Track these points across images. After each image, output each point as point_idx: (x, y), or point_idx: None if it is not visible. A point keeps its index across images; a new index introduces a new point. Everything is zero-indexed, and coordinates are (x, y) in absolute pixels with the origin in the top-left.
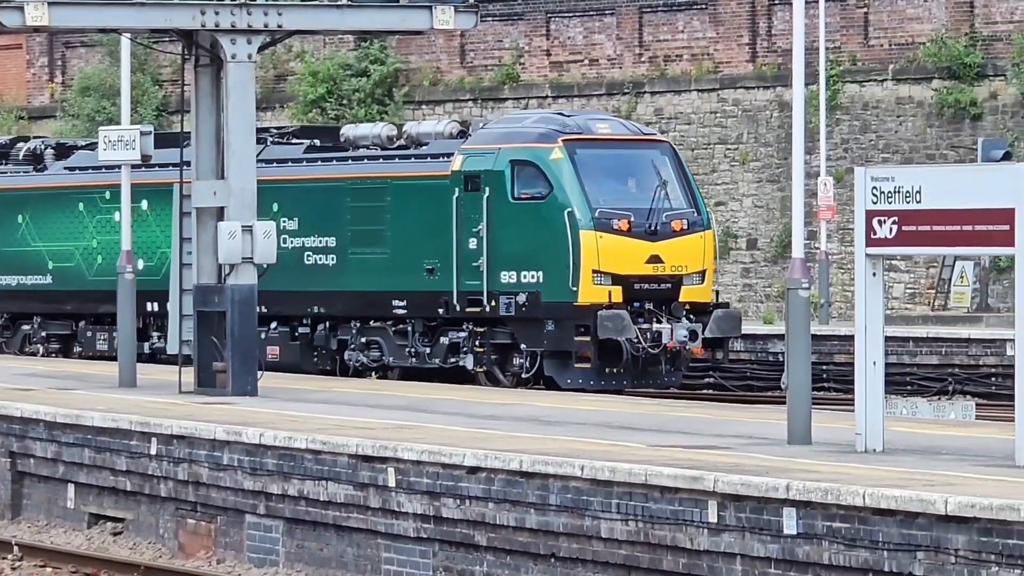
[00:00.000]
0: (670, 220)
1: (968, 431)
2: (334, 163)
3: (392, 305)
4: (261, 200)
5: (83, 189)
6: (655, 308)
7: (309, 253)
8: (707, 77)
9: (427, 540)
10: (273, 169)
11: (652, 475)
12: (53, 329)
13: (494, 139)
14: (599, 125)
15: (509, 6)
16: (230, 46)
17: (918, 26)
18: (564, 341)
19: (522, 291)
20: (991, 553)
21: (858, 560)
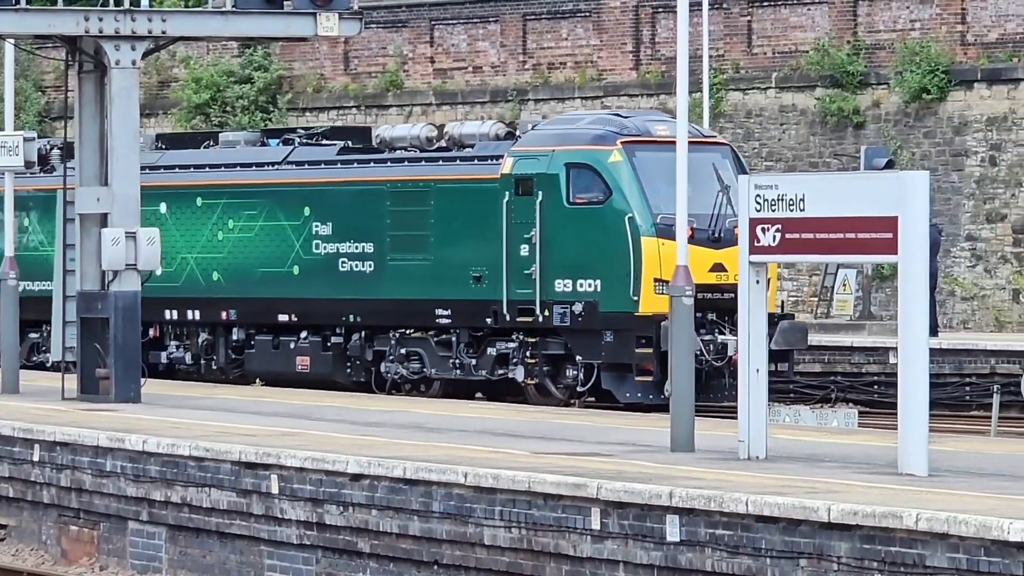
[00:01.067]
0: (733, 226)
1: (851, 439)
2: (371, 165)
3: (435, 314)
4: (291, 204)
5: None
6: (717, 318)
7: (344, 259)
8: (591, 85)
9: (310, 547)
10: (304, 171)
11: (535, 482)
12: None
13: (547, 141)
14: (658, 127)
15: (393, 13)
16: (114, 52)
17: (801, 34)
18: (624, 353)
19: (578, 300)
20: (873, 560)
21: (741, 567)
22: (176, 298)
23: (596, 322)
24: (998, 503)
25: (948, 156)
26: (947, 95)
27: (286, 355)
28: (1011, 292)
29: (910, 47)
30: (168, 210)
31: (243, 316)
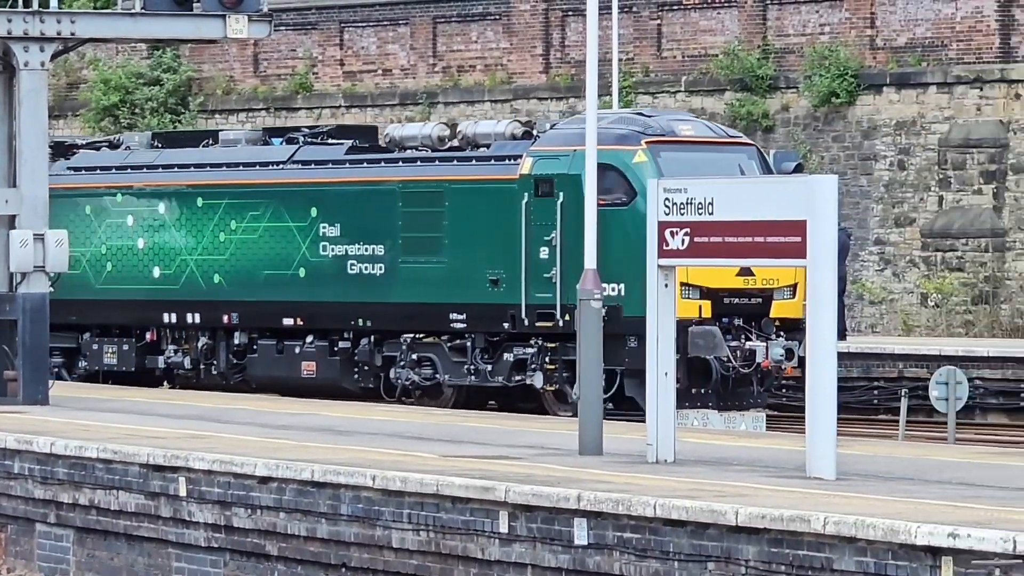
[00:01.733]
0: None
1: (759, 442)
2: (382, 165)
3: (449, 319)
4: (297, 204)
5: (88, 192)
6: (744, 324)
7: (353, 262)
8: (501, 88)
9: (218, 550)
10: (311, 171)
11: (444, 485)
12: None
13: (568, 140)
14: (682, 126)
15: (303, 15)
16: (23, 54)
17: (711, 38)
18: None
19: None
20: (781, 564)
21: (649, 571)
22: (175, 301)
23: (619, 327)
24: (905, 507)
25: (857, 160)
26: (856, 99)
27: (290, 360)
28: (919, 296)
29: (819, 51)
30: (167, 211)
31: (245, 320)
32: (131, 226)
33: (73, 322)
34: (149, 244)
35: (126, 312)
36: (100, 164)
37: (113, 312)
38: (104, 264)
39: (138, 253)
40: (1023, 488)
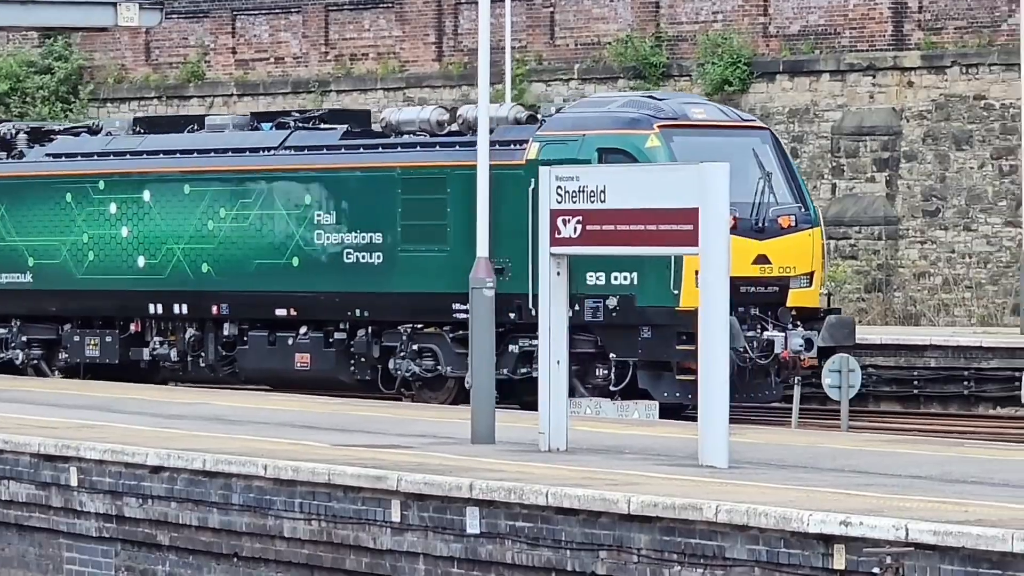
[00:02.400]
0: (777, 216)
1: (652, 431)
2: (380, 151)
3: (452, 309)
4: (289, 191)
5: (70, 179)
6: (760, 313)
7: (350, 251)
8: (393, 76)
9: (109, 540)
10: (304, 157)
11: (335, 474)
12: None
13: (576, 125)
14: (695, 110)
15: (195, 4)
16: None
17: (604, 26)
18: (663, 350)
19: (612, 294)
20: (673, 552)
21: (541, 559)
22: (161, 291)
23: (632, 317)
24: (798, 495)
25: None
26: (749, 87)
27: (283, 352)
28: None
29: (712, 39)
30: (151, 198)
31: (236, 310)
32: (114, 214)
33: (53, 313)
34: (133, 233)
35: (109, 303)
36: (81, 150)
37: (95, 303)
38: (86, 254)
39: (122, 242)
40: (915, 476)
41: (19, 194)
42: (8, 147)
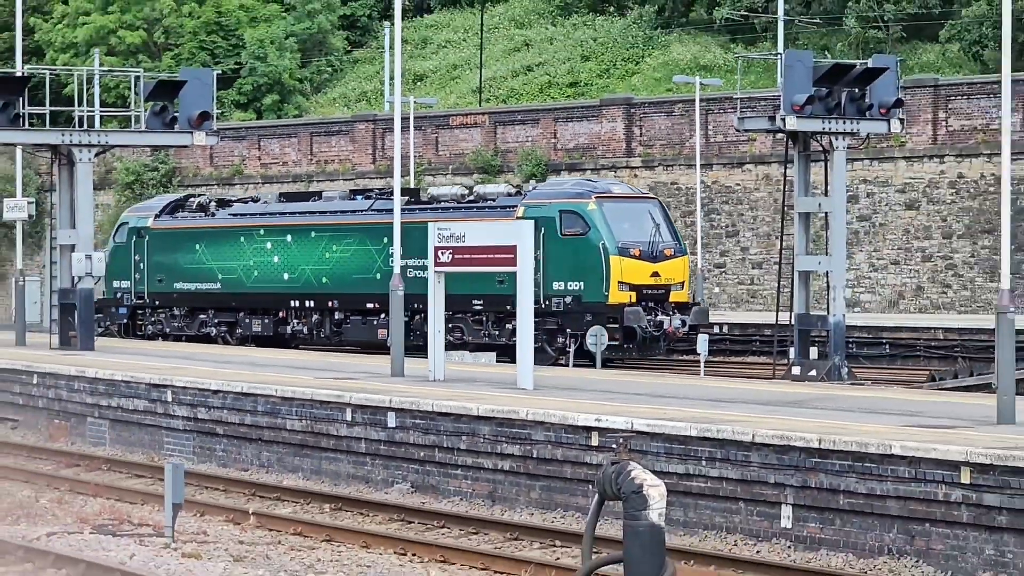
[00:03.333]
0: (663, 249)
1: (492, 369)
2: (426, 211)
3: (471, 302)
4: (375, 235)
5: (243, 228)
6: (654, 306)
7: (411, 269)
8: (348, 172)
9: (189, 432)
10: (383, 215)
11: (316, 394)
12: (222, 318)
13: (545, 196)
14: (615, 188)
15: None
16: (78, 153)
17: (465, 144)
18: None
19: (568, 295)
20: (503, 438)
21: (428, 441)
22: (298, 293)
23: (580, 308)
24: (573, 403)
25: None
26: (547, 177)
27: (370, 328)
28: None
29: (525, 151)
30: (292, 239)
31: (342, 304)
32: (269, 249)
33: (232, 306)
34: (281, 260)
35: (266, 300)
36: (249, 212)
37: (257, 300)
38: (252, 271)
39: (274, 265)
40: (638, 393)
41: (213, 238)
42: (204, 210)
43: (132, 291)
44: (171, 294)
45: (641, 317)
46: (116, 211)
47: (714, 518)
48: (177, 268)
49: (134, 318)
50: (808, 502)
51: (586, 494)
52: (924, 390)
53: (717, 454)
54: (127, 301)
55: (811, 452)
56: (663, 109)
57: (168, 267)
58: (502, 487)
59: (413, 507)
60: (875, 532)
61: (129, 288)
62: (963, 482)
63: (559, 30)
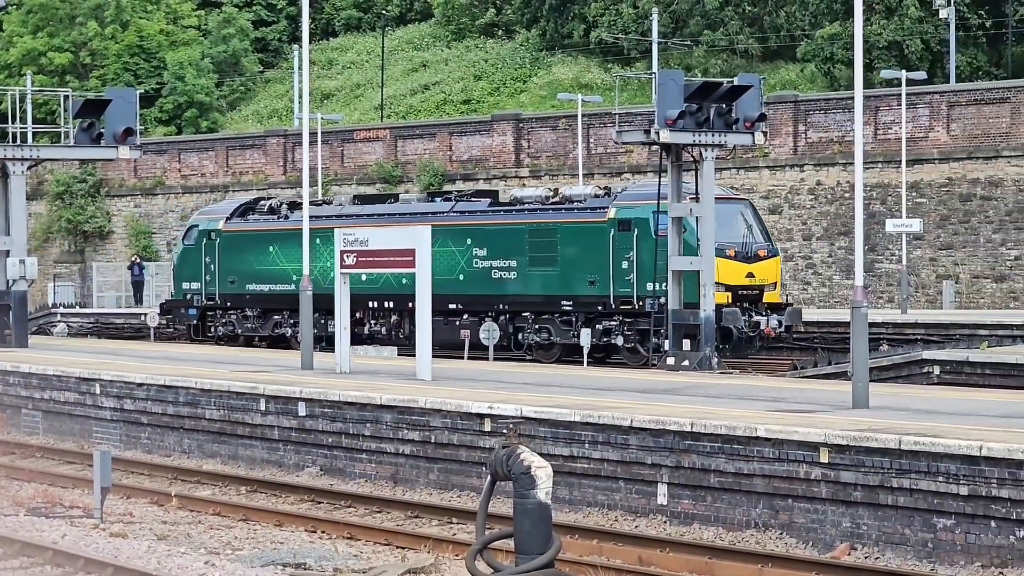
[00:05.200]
0: (757, 250)
1: (394, 362)
2: (514, 213)
3: (560, 303)
4: (457, 237)
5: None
6: (748, 306)
7: (495, 270)
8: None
9: (116, 421)
10: (466, 217)
11: (232, 386)
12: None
13: (638, 197)
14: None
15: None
16: (12, 166)
17: (368, 157)
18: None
19: (662, 295)
20: (404, 424)
21: (336, 428)
22: (376, 294)
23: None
24: (468, 392)
25: None
26: (443, 187)
27: (452, 329)
28: None
29: (424, 162)
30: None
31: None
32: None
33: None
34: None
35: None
36: (323, 214)
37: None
38: (328, 273)
39: None
40: (525, 383)
41: (287, 240)
42: (275, 212)
43: (203, 292)
44: (244, 295)
45: (738, 318)
46: (48, 219)
47: (597, 496)
48: (250, 270)
49: (204, 319)
50: (682, 481)
51: (480, 475)
52: (787, 378)
53: (599, 437)
54: (197, 303)
55: (684, 435)
56: (549, 124)
57: (241, 269)
58: (403, 470)
59: (322, 488)
60: (743, 507)
61: (199, 290)
62: (822, 461)
63: (454, 52)
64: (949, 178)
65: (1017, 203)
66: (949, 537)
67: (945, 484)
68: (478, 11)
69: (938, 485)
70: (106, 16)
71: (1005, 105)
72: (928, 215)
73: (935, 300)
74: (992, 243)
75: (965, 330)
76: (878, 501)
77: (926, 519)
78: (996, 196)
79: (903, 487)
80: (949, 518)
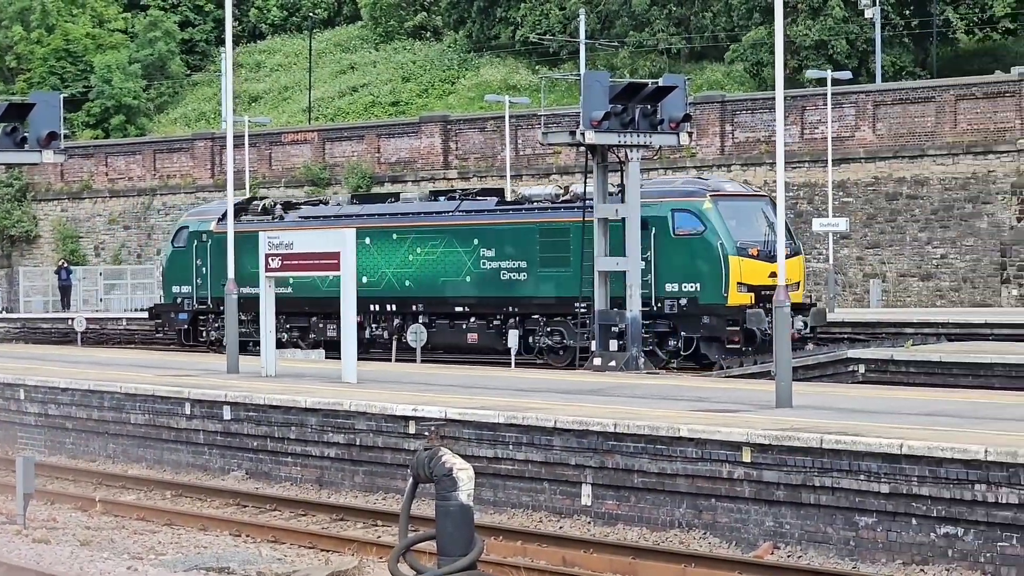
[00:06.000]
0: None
1: (320, 364)
2: (523, 212)
3: (573, 305)
4: (463, 237)
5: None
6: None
7: (504, 272)
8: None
9: (40, 427)
10: (472, 216)
11: (158, 391)
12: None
13: (654, 195)
14: (726, 185)
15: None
16: None
17: (297, 159)
18: (717, 330)
19: (682, 296)
20: (328, 427)
21: (261, 431)
22: (378, 297)
23: (697, 309)
24: (393, 394)
25: None
26: (371, 188)
27: (458, 332)
28: None
29: (352, 164)
30: (371, 242)
31: (427, 307)
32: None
33: (306, 311)
34: (359, 262)
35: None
36: (321, 214)
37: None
38: (326, 276)
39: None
40: (450, 384)
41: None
42: (269, 213)
43: (194, 296)
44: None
45: (763, 319)
46: None
47: (521, 497)
48: (244, 272)
49: (195, 324)
50: (606, 481)
51: (405, 478)
52: (712, 377)
53: (523, 439)
54: (188, 307)
55: (608, 436)
56: (476, 125)
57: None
58: (329, 472)
59: (247, 492)
60: (667, 507)
61: (190, 293)
62: (745, 461)
63: (381, 54)
64: (875, 177)
65: (943, 202)
66: (871, 535)
67: (866, 482)
68: (406, 13)
69: (860, 484)
70: (32, 20)
71: (930, 104)
72: (855, 214)
73: (862, 299)
74: (918, 242)
75: (891, 328)
76: (800, 500)
77: (848, 517)
78: (922, 195)
79: (825, 486)
80: (871, 516)
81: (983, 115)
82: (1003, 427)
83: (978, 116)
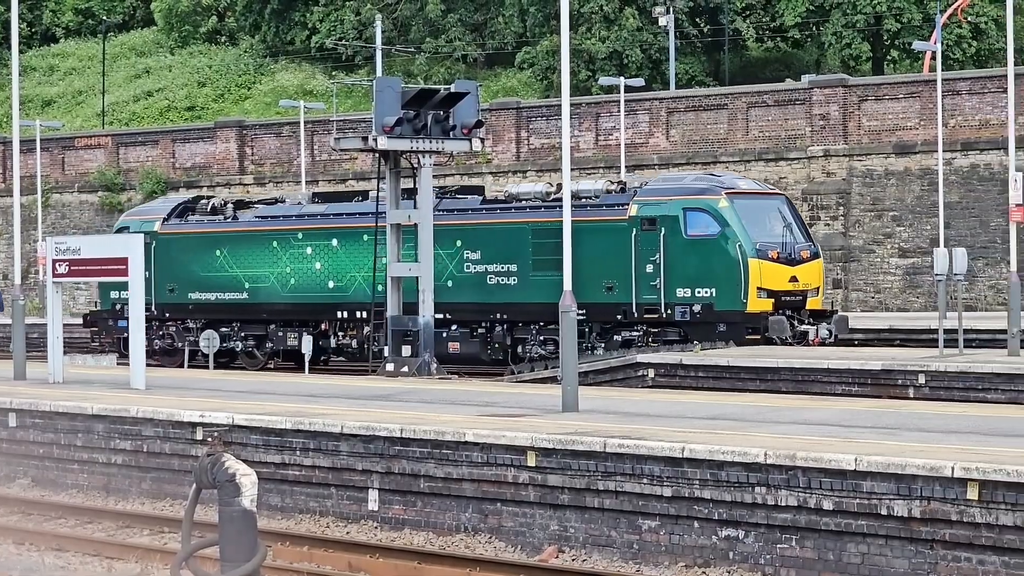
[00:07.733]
0: (800, 250)
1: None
2: (513, 211)
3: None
4: (445, 238)
5: (277, 232)
6: (791, 313)
7: (491, 275)
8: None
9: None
10: (454, 216)
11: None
12: (250, 330)
13: (664, 193)
14: (740, 182)
15: None
16: None
17: (90, 165)
18: (735, 338)
19: (696, 303)
20: (116, 435)
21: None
22: (347, 302)
23: (712, 316)
24: (181, 401)
25: None
26: (168, 194)
27: (439, 341)
28: None
29: (147, 170)
30: (339, 244)
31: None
32: (310, 254)
33: (263, 318)
34: (325, 266)
35: (305, 311)
36: (282, 214)
37: (295, 311)
38: (288, 280)
39: (315, 272)
40: (239, 391)
41: (238, 243)
42: (220, 212)
43: None
44: (186, 305)
45: (785, 327)
46: None
47: (308, 503)
48: (193, 277)
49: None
50: (392, 486)
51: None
52: (502, 382)
53: (310, 444)
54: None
55: (394, 441)
56: (272, 131)
57: (182, 276)
58: (116, 479)
59: (33, 500)
60: (453, 512)
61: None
62: (530, 465)
63: (177, 58)
64: None
65: None
66: (654, 538)
67: (649, 486)
68: (201, 18)
69: (643, 487)
70: None
71: (723, 112)
72: None
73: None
74: None
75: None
76: (585, 504)
77: (631, 520)
78: None
79: (609, 489)
80: (654, 519)
81: (774, 122)
82: (784, 430)
83: (769, 123)
